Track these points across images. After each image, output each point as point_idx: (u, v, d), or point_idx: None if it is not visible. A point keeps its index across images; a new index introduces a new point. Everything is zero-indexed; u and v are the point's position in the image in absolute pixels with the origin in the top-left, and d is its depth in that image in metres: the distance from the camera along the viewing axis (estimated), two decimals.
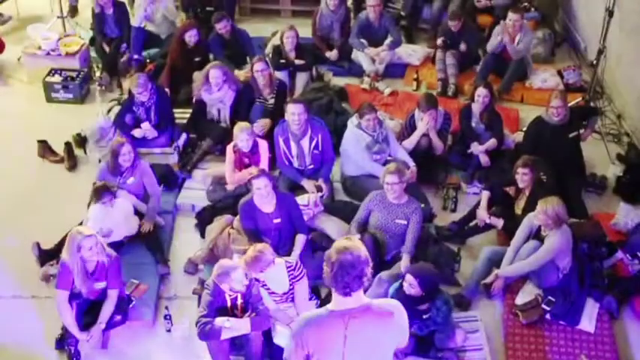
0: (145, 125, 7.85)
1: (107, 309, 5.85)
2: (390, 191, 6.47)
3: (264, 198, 6.37)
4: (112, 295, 5.88)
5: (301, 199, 6.89)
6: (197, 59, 8.75)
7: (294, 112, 7.10)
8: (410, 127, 7.83)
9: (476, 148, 7.77)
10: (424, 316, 5.78)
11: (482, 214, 6.94)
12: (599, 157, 8.06)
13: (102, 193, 6.53)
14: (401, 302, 5.12)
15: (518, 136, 8.13)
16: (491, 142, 7.77)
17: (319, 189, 7.18)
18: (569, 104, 7.75)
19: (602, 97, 9.01)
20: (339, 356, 3.77)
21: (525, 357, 5.93)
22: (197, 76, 8.41)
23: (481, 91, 7.74)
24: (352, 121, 7.47)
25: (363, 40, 9.45)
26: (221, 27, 8.94)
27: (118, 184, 6.81)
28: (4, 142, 8.29)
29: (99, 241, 5.75)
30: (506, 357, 5.98)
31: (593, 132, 7.95)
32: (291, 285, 5.78)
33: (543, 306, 6.19)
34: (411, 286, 5.64)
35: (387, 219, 6.54)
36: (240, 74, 8.73)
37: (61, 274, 5.76)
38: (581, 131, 7.60)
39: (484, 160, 7.74)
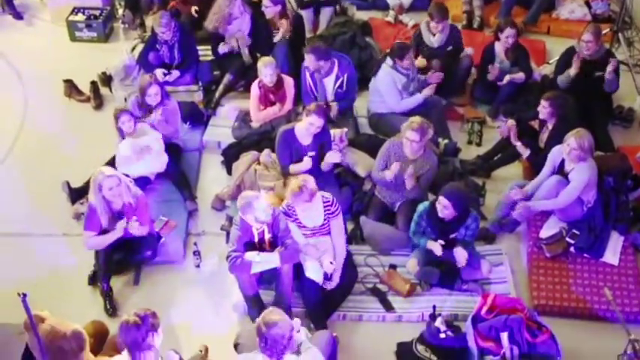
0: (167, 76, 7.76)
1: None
2: (408, 147, 6.28)
3: (309, 132, 6.41)
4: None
5: None
6: None
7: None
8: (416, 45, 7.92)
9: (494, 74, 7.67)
10: (451, 236, 5.89)
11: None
12: (627, 88, 7.91)
13: (120, 112, 6.69)
14: (432, 225, 5.85)
15: (545, 69, 8.02)
16: (519, 75, 7.62)
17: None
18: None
19: (630, 27, 8.81)
20: None
21: (549, 289, 6.00)
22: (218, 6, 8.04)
23: (509, 32, 7.52)
24: (387, 62, 7.33)
25: None
26: None
27: (145, 120, 6.92)
28: (31, 82, 8.33)
29: (123, 181, 5.84)
30: (530, 290, 6.06)
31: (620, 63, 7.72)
32: (326, 220, 5.85)
33: (568, 239, 6.22)
34: (445, 207, 5.71)
35: (399, 172, 6.34)
36: None
37: (89, 216, 5.87)
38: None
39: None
